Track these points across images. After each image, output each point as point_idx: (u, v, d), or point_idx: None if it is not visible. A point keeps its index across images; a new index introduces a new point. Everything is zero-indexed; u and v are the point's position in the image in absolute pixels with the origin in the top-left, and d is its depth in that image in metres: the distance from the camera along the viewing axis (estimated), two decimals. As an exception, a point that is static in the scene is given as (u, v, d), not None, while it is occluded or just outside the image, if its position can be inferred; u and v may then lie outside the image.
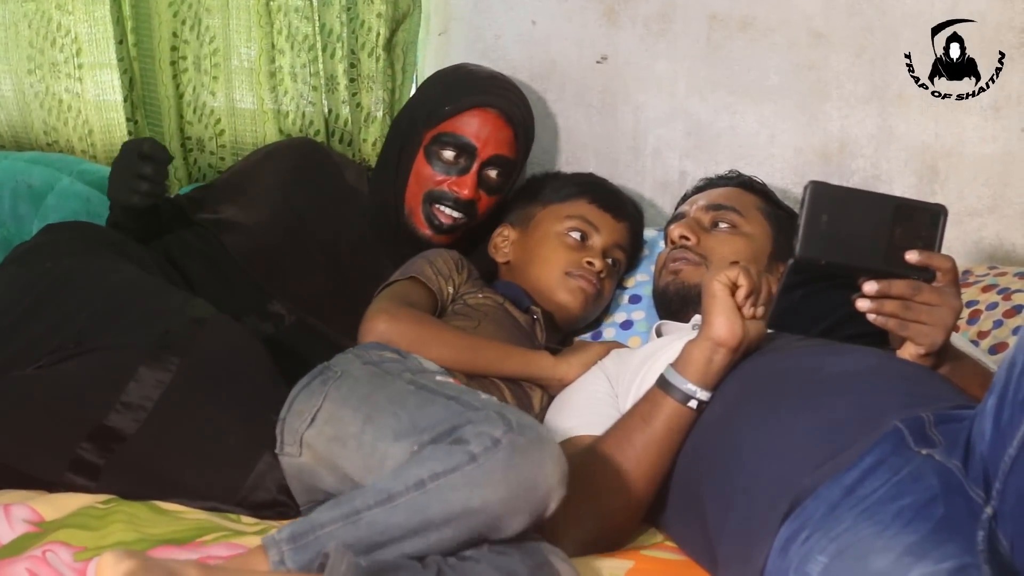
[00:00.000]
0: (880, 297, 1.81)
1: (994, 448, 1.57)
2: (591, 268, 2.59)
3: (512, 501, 1.74)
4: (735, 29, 2.92)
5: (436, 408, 1.89)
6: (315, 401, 2.03)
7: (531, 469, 1.75)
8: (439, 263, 2.50)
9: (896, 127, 2.84)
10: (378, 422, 1.92)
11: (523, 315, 2.53)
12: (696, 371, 1.98)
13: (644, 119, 3.02)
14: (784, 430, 1.83)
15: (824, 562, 1.59)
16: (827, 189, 1.78)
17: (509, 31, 3.06)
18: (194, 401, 2.12)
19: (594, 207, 2.65)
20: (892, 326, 1.83)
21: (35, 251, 2.39)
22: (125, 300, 2.24)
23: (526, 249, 2.65)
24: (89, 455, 2.08)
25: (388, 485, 1.75)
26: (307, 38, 2.96)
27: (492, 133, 2.64)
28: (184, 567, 1.66)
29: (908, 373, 1.92)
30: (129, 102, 2.93)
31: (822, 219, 1.75)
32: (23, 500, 2.00)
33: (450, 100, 2.67)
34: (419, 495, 1.73)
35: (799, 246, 1.77)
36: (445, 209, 2.63)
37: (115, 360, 2.13)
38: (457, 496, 1.72)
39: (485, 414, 1.81)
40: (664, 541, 2.06)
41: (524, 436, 1.77)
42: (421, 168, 2.65)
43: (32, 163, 2.86)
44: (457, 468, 1.73)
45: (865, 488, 1.65)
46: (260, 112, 3.01)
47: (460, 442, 1.77)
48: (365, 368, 2.08)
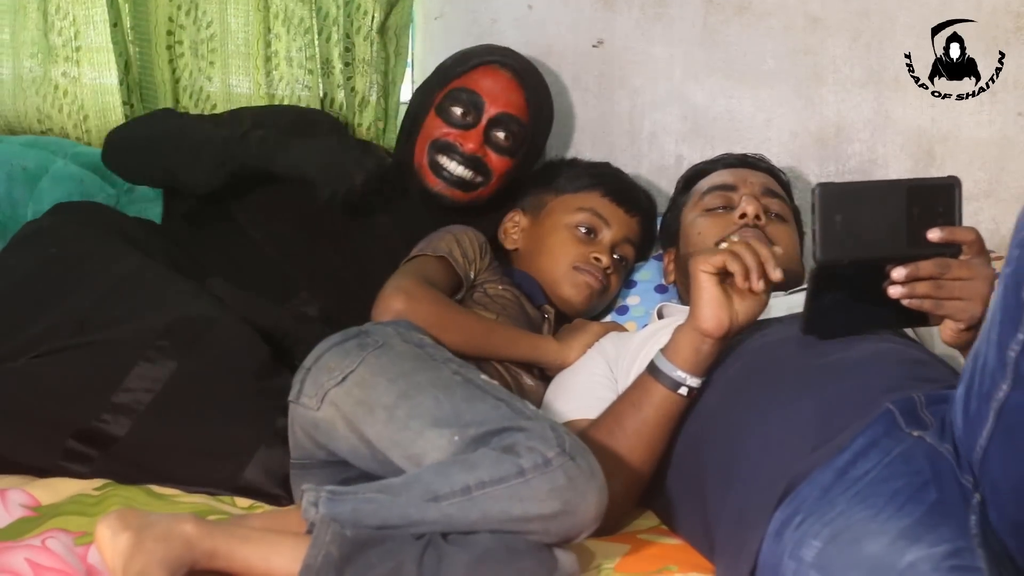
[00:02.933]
0: (910, 281, 1.79)
1: (966, 438, 1.58)
2: (598, 264, 2.57)
3: (549, 521, 1.77)
4: (731, 13, 2.91)
5: (485, 406, 1.90)
6: (349, 362, 2.01)
7: (575, 499, 1.77)
8: (466, 244, 2.47)
9: (892, 111, 2.84)
10: (415, 400, 1.92)
11: (535, 310, 2.52)
12: (686, 358, 1.98)
13: (640, 103, 3.01)
14: (782, 416, 1.83)
15: (818, 546, 1.59)
16: (836, 188, 1.76)
17: (505, 15, 3.05)
18: (187, 403, 2.12)
19: (607, 200, 2.62)
20: (928, 307, 1.80)
21: (43, 234, 2.39)
22: (128, 291, 2.24)
23: (535, 238, 2.63)
24: (80, 448, 2.09)
25: (435, 485, 1.76)
26: (303, 21, 2.96)
27: (501, 91, 2.63)
28: (180, 523, 1.71)
29: (906, 358, 1.93)
30: (125, 85, 2.93)
31: (836, 219, 1.74)
32: (19, 485, 2.01)
33: (463, 63, 2.68)
34: (464, 500, 1.75)
35: (819, 250, 1.75)
36: (451, 163, 2.61)
37: (110, 357, 2.13)
38: (498, 507, 1.75)
39: (539, 428, 1.82)
40: (660, 525, 2.07)
41: (576, 463, 1.78)
42: (431, 123, 2.64)
43: (27, 146, 2.86)
44: (504, 480, 1.75)
45: (857, 470, 1.65)
46: (256, 96, 3.00)
47: (511, 452, 1.78)
48: (407, 346, 2.07)
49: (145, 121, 2.68)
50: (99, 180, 2.79)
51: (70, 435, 2.08)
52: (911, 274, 1.77)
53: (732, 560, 1.76)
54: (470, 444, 1.83)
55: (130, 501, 1.98)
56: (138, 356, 2.12)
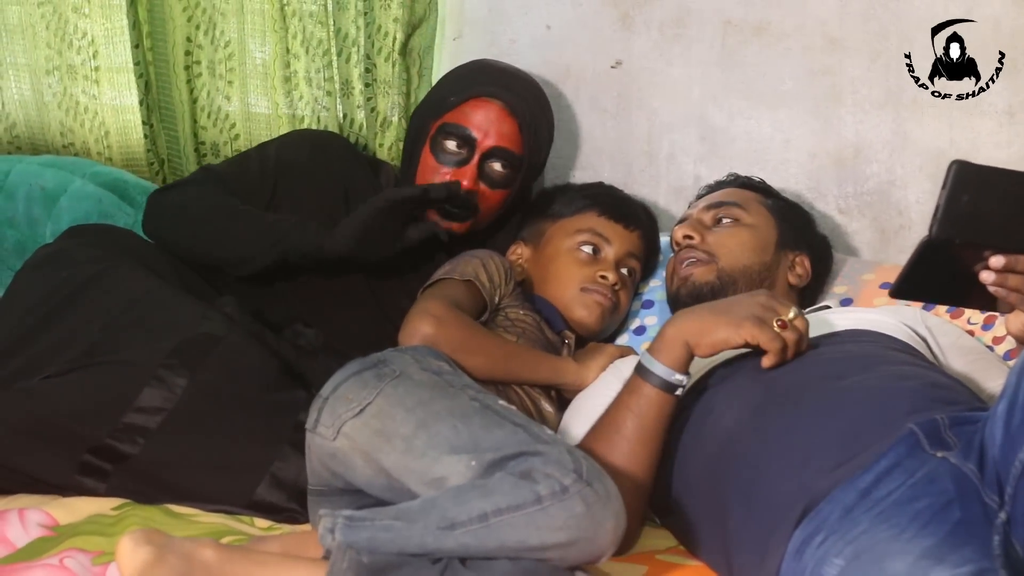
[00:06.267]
0: (1005, 271, 1.76)
1: (1005, 453, 1.57)
2: (605, 282, 2.56)
3: (567, 548, 1.76)
4: (750, 34, 2.91)
5: (503, 432, 1.89)
6: (367, 393, 2.00)
7: (593, 525, 1.76)
8: (492, 269, 2.47)
9: (911, 132, 2.83)
10: (433, 430, 1.92)
11: (554, 335, 2.52)
12: (675, 358, 2.02)
13: (658, 124, 3.01)
14: (802, 437, 1.83)
15: (840, 565, 1.59)
16: (972, 169, 1.71)
17: (524, 36, 3.06)
18: (199, 419, 2.13)
19: (604, 219, 2.62)
20: (1013, 300, 1.77)
21: (55, 257, 2.39)
22: (138, 313, 2.24)
23: (540, 266, 2.63)
24: (96, 462, 2.09)
25: (452, 512, 1.76)
26: (321, 43, 2.96)
27: (494, 125, 2.61)
28: (200, 547, 1.74)
29: (928, 381, 1.92)
30: (145, 106, 2.94)
31: (963, 199, 1.71)
32: (37, 505, 2.02)
33: (455, 91, 2.66)
34: (480, 528, 1.74)
35: (937, 226, 1.71)
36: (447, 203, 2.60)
37: (122, 377, 2.13)
38: (515, 534, 1.74)
39: (556, 452, 1.81)
40: (677, 546, 2.06)
41: (592, 488, 1.77)
42: (427, 159, 2.63)
43: (45, 166, 2.87)
44: (521, 508, 1.74)
45: (880, 491, 1.65)
46: (275, 117, 3.01)
47: (528, 478, 1.77)
48: (425, 374, 2.06)
49: (192, 197, 2.59)
50: (117, 200, 2.80)
51: (86, 451, 2.09)
52: (1009, 265, 1.76)
53: (752, 580, 1.76)
54: (487, 469, 1.83)
55: (148, 520, 1.98)
56: (149, 376, 2.13)
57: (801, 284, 2.52)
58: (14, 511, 1.97)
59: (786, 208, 2.61)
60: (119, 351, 2.17)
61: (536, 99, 2.73)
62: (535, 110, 2.70)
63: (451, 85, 2.71)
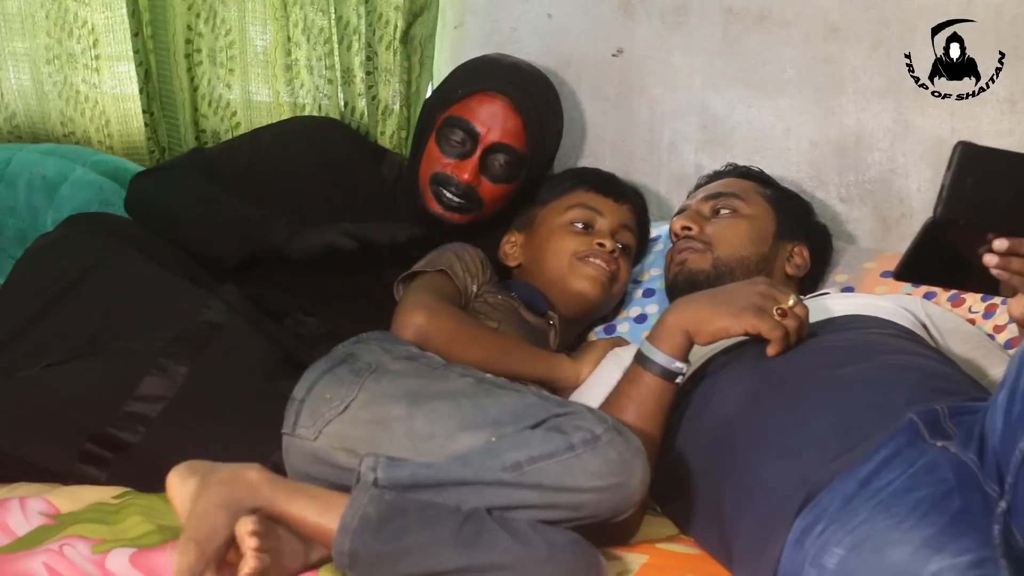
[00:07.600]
0: (1008, 255, 1.77)
1: (1005, 442, 1.57)
2: (603, 249, 2.55)
3: (601, 493, 1.78)
4: (751, 22, 2.91)
5: (511, 399, 1.91)
6: (347, 390, 2.00)
7: (626, 472, 1.79)
8: (467, 259, 2.48)
9: (912, 120, 2.83)
10: (428, 408, 1.93)
11: (538, 319, 2.51)
12: (675, 345, 2.03)
13: (660, 112, 3.01)
14: (802, 426, 1.83)
15: (840, 554, 1.59)
16: (976, 151, 1.70)
17: (525, 24, 3.06)
18: (201, 408, 2.12)
19: (592, 193, 2.62)
20: (1016, 283, 1.77)
21: (55, 246, 2.39)
22: (139, 301, 2.24)
23: (534, 248, 2.62)
24: (97, 450, 2.09)
25: (486, 462, 1.79)
26: (323, 31, 2.96)
27: (498, 120, 2.62)
28: (245, 469, 1.83)
29: (928, 371, 1.92)
30: (145, 94, 2.94)
31: (967, 181, 1.70)
32: (39, 493, 2.02)
33: (463, 84, 2.67)
34: (516, 475, 1.77)
35: (942, 206, 1.71)
36: (447, 192, 2.62)
37: (123, 366, 2.13)
38: (550, 478, 1.77)
39: (579, 410, 1.85)
40: (678, 535, 2.06)
41: (623, 438, 1.80)
42: (432, 149, 2.64)
43: (46, 155, 2.87)
44: (554, 455, 1.77)
45: (880, 480, 1.65)
46: (276, 105, 3.01)
47: (558, 431, 1.80)
48: (404, 363, 2.06)
49: (171, 186, 2.62)
50: (118, 188, 2.80)
51: (87, 439, 2.09)
52: (1012, 248, 1.75)
53: (752, 569, 1.76)
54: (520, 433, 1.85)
55: (149, 509, 1.98)
56: (150, 365, 2.13)
57: (799, 274, 2.52)
58: (15, 499, 1.97)
59: (785, 198, 2.60)
60: (120, 339, 2.17)
61: (544, 96, 2.73)
62: (542, 107, 2.70)
63: (460, 78, 2.72)
